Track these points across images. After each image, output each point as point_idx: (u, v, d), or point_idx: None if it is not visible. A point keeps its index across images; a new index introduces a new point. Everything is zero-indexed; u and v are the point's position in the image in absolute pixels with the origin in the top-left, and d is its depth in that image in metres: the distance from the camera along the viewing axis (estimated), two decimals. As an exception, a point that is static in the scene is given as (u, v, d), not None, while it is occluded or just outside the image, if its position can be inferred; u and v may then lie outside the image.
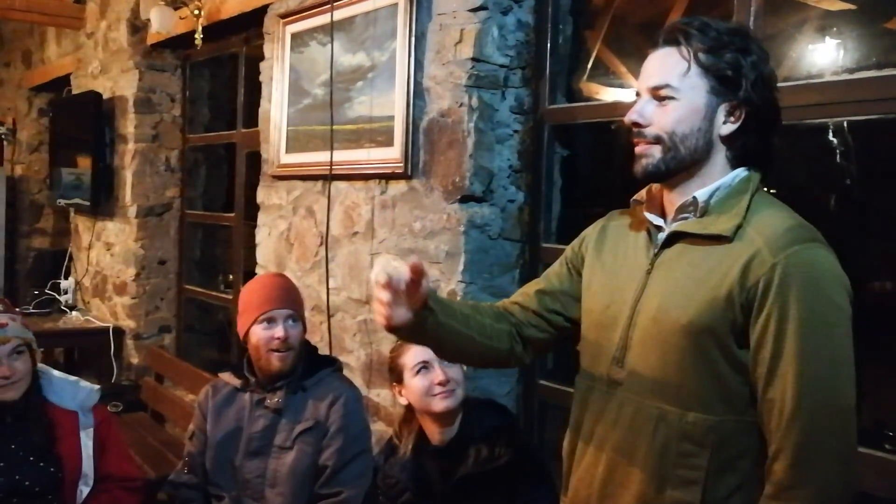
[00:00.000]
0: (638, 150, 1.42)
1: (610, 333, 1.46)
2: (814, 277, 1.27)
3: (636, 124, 1.41)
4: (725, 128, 1.38)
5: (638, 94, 1.44)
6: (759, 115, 1.38)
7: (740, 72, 1.36)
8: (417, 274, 1.34)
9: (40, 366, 2.36)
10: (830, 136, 2.09)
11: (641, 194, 1.53)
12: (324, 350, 3.03)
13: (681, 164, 1.39)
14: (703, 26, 1.38)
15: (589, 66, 3.02)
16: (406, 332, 1.45)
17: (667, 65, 1.39)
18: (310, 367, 2.39)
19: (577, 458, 1.52)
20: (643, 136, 1.41)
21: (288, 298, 2.37)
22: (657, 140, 1.39)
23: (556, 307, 1.61)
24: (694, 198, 1.40)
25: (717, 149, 1.40)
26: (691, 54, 1.37)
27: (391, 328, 1.42)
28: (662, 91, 1.38)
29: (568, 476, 1.56)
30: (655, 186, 1.49)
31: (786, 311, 1.26)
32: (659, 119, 1.39)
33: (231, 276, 4.64)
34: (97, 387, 2.42)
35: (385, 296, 1.36)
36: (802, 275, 1.26)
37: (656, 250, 1.43)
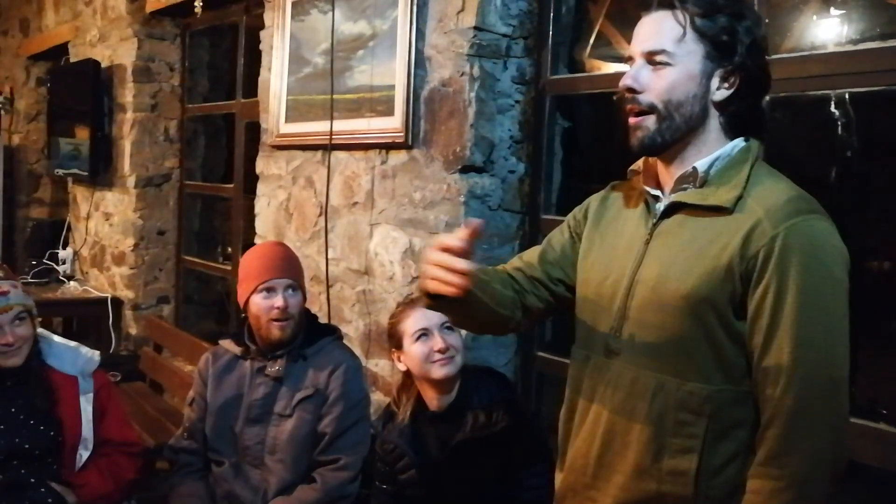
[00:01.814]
0: (632, 121, 1.40)
1: (607, 303, 1.46)
2: (813, 249, 1.27)
3: (631, 90, 1.39)
4: (720, 94, 1.37)
5: (630, 59, 1.42)
6: (751, 81, 1.37)
7: (735, 37, 1.34)
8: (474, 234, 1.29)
9: (40, 331, 2.37)
10: (833, 108, 2.08)
11: (638, 164, 1.53)
12: (323, 320, 3.03)
13: (676, 133, 1.38)
14: None
15: (591, 39, 3.01)
16: (445, 305, 1.41)
17: (662, 29, 1.37)
18: (310, 335, 2.39)
19: (575, 427, 1.53)
20: (637, 103, 1.39)
21: (288, 267, 2.37)
22: (651, 109, 1.37)
23: (560, 276, 1.60)
24: (694, 168, 1.39)
25: (711, 115, 1.39)
26: (687, 19, 1.35)
27: (435, 296, 1.36)
28: (658, 56, 1.37)
29: (564, 445, 1.56)
30: (651, 157, 1.48)
31: (784, 281, 1.26)
32: (654, 85, 1.37)
33: (230, 248, 4.64)
34: (97, 352, 2.43)
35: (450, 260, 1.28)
36: (802, 246, 1.26)
37: (655, 220, 1.42)
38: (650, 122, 1.38)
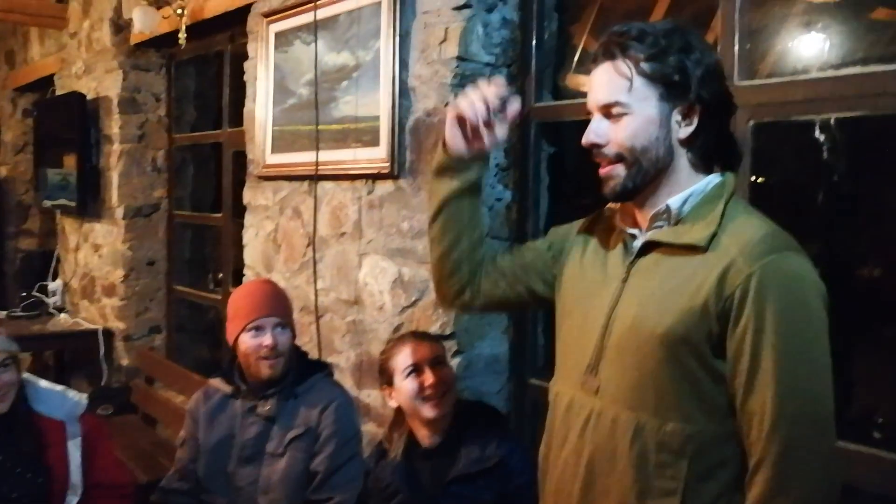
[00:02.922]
0: (602, 172, 1.40)
1: (585, 340, 1.44)
2: (790, 286, 1.26)
3: (595, 145, 1.39)
4: (683, 131, 1.36)
5: (590, 113, 1.41)
6: (712, 111, 1.35)
7: (686, 73, 1.33)
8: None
9: (26, 375, 2.35)
10: (817, 133, 2.08)
11: (615, 203, 1.52)
12: (313, 351, 3.02)
13: (646, 177, 1.37)
14: (640, 34, 1.34)
15: (576, 58, 3.01)
16: (446, 162, 1.54)
17: (611, 81, 1.36)
18: (301, 372, 2.38)
19: (552, 463, 1.51)
20: (604, 156, 1.38)
21: (276, 305, 2.36)
22: (619, 158, 1.37)
23: (522, 276, 1.62)
24: (667, 206, 1.38)
25: (678, 153, 1.37)
26: (632, 67, 1.34)
27: (446, 147, 1.51)
28: (613, 109, 1.35)
29: (543, 482, 1.55)
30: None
31: (763, 321, 1.24)
32: (616, 136, 1.36)
33: (221, 275, 4.62)
34: (84, 395, 2.41)
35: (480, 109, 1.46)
36: (778, 284, 1.25)
37: (631, 259, 1.41)
38: (620, 169, 1.37)
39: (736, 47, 2.07)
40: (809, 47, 2.53)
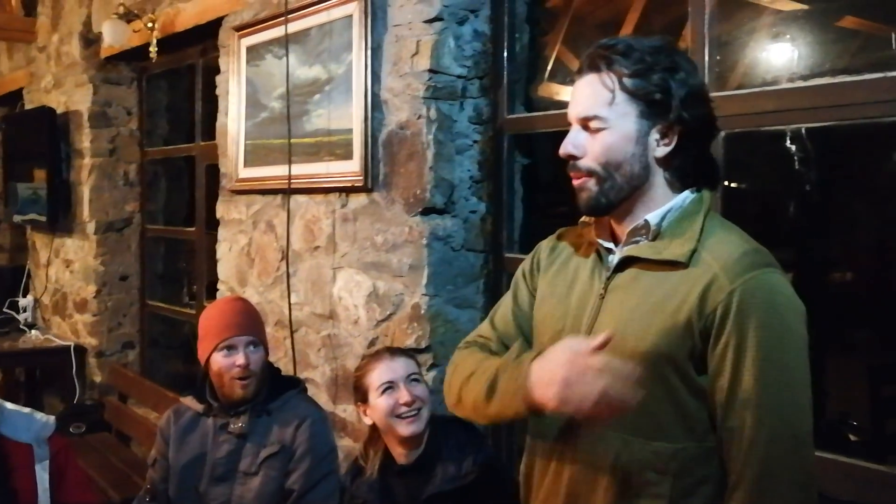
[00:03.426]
0: (576, 184, 1.39)
1: None
2: (771, 304, 1.25)
3: (571, 156, 1.37)
4: (660, 150, 1.35)
5: (570, 123, 1.40)
6: (692, 132, 1.35)
7: (669, 92, 1.32)
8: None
9: (-8, 398, 2.29)
10: (788, 143, 2.10)
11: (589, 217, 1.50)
12: (288, 366, 2.99)
13: (621, 193, 1.36)
14: (627, 49, 1.33)
15: (549, 69, 3.02)
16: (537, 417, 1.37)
17: (593, 93, 1.35)
18: (274, 389, 2.35)
19: (535, 484, 1.49)
20: (578, 169, 1.37)
21: (247, 324, 2.33)
22: (590, 173, 1.36)
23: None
24: (645, 221, 1.37)
25: (654, 171, 1.36)
26: (615, 81, 1.33)
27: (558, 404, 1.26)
28: (592, 122, 1.34)
29: (527, 500, 1.53)
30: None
31: (744, 338, 1.24)
32: (592, 149, 1.35)
33: (195, 290, 4.57)
34: (52, 417, 2.35)
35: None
36: (760, 301, 1.24)
37: (608, 274, 1.40)
38: (591, 183, 1.36)
39: (706, 58, 2.08)
40: (779, 57, 2.56)
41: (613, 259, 1.40)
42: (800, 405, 1.25)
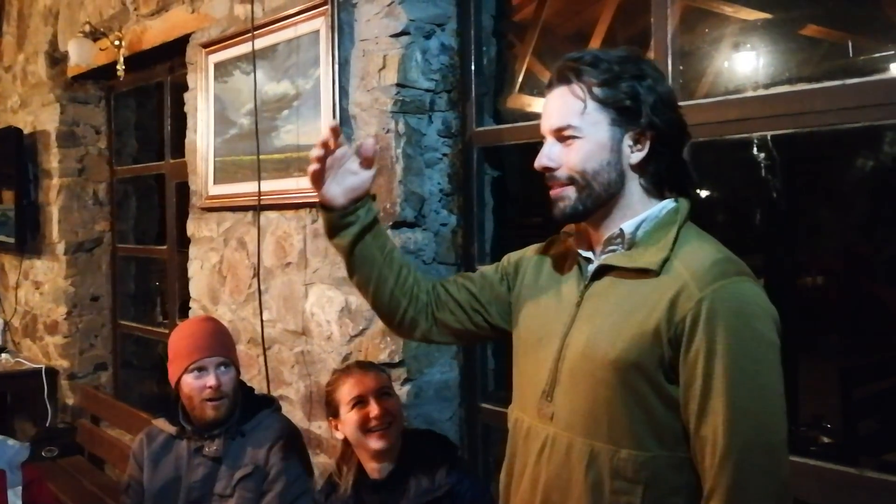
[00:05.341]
0: (553, 193, 1.40)
1: (540, 366, 1.44)
2: (741, 311, 1.25)
3: (547, 168, 1.39)
4: (634, 156, 1.37)
5: (543, 137, 1.42)
6: (664, 137, 1.37)
7: (638, 99, 1.34)
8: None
9: (-38, 425, 2.26)
10: (755, 151, 2.12)
11: (571, 226, 1.52)
12: (261, 384, 2.97)
13: (598, 201, 1.37)
14: (594, 60, 1.36)
15: (519, 81, 3.03)
16: (332, 220, 1.53)
17: (564, 104, 1.37)
18: (247, 409, 2.33)
19: (513, 492, 1.50)
20: (556, 179, 1.39)
21: (218, 344, 2.31)
22: (570, 181, 1.37)
23: (479, 308, 1.61)
24: (621, 230, 1.38)
25: (629, 178, 1.38)
26: (585, 91, 1.35)
27: (321, 198, 1.53)
28: (565, 132, 1.37)
29: None
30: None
31: (714, 346, 1.24)
32: (567, 159, 1.37)
33: (167, 309, 4.53)
34: (27, 444, 2.33)
35: (317, 152, 1.48)
36: (729, 309, 1.25)
37: (586, 283, 1.41)
38: (570, 191, 1.38)
39: (670, 68, 2.10)
40: (742, 66, 2.59)
41: (591, 268, 1.42)
42: (773, 413, 1.25)
